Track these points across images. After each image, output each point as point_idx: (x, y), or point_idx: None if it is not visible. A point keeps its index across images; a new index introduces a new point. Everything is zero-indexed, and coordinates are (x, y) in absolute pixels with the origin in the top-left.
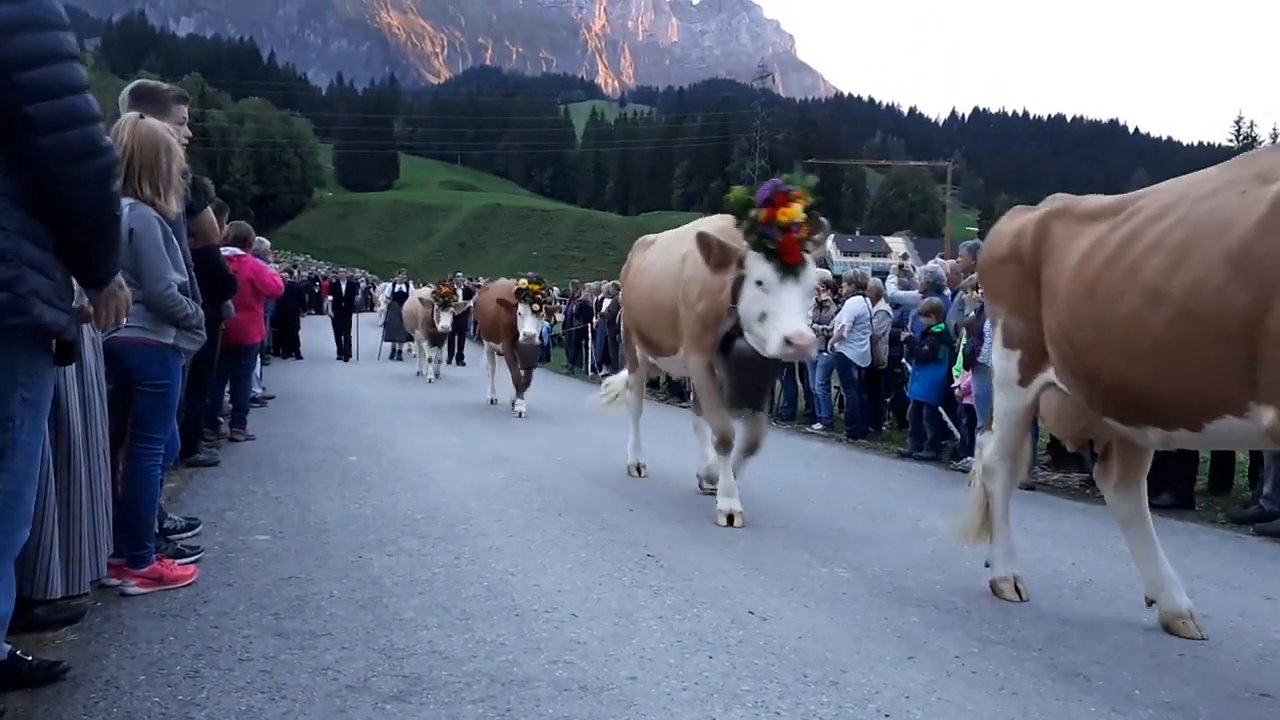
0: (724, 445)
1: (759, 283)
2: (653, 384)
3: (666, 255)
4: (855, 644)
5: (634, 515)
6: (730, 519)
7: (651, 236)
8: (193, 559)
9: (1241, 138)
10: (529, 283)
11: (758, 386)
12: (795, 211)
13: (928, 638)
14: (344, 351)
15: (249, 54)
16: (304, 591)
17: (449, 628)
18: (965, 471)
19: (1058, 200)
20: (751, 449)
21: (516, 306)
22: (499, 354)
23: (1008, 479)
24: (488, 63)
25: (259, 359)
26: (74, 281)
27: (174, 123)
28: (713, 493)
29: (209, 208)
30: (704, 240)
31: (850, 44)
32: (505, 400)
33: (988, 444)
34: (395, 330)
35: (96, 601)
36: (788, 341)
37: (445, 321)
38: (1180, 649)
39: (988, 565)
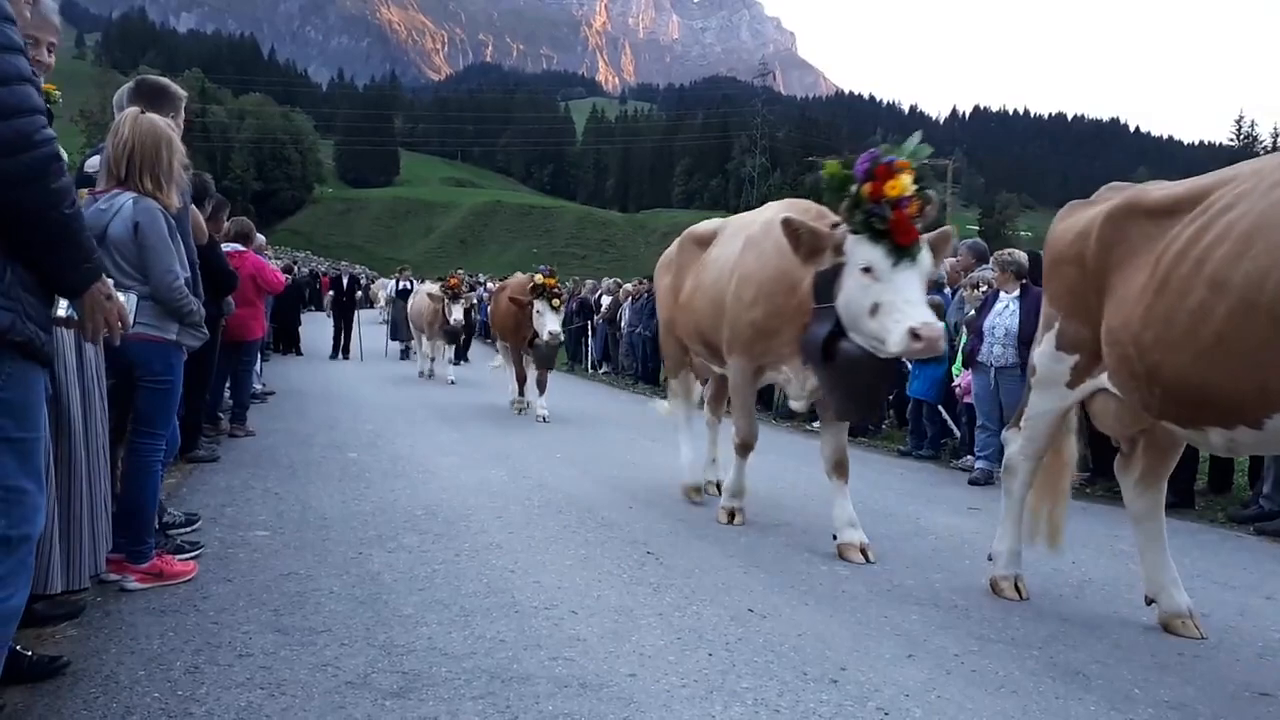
0: (744, 449)
1: (866, 269)
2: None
3: (732, 247)
4: (855, 642)
5: (633, 513)
6: (731, 516)
7: (708, 226)
8: (192, 554)
9: (1242, 137)
10: (544, 277)
11: (873, 393)
12: (904, 183)
13: (927, 636)
14: (342, 350)
15: (249, 50)
16: (304, 587)
17: (449, 624)
18: (965, 470)
19: (1121, 192)
20: (840, 466)
21: (531, 303)
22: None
23: (1028, 478)
24: (488, 59)
25: (259, 355)
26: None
27: (176, 120)
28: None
29: (194, 206)
30: (791, 226)
31: (851, 42)
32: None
33: (1012, 442)
34: (402, 329)
35: (96, 597)
36: (915, 335)
37: (457, 314)
38: (1180, 648)
39: (990, 559)
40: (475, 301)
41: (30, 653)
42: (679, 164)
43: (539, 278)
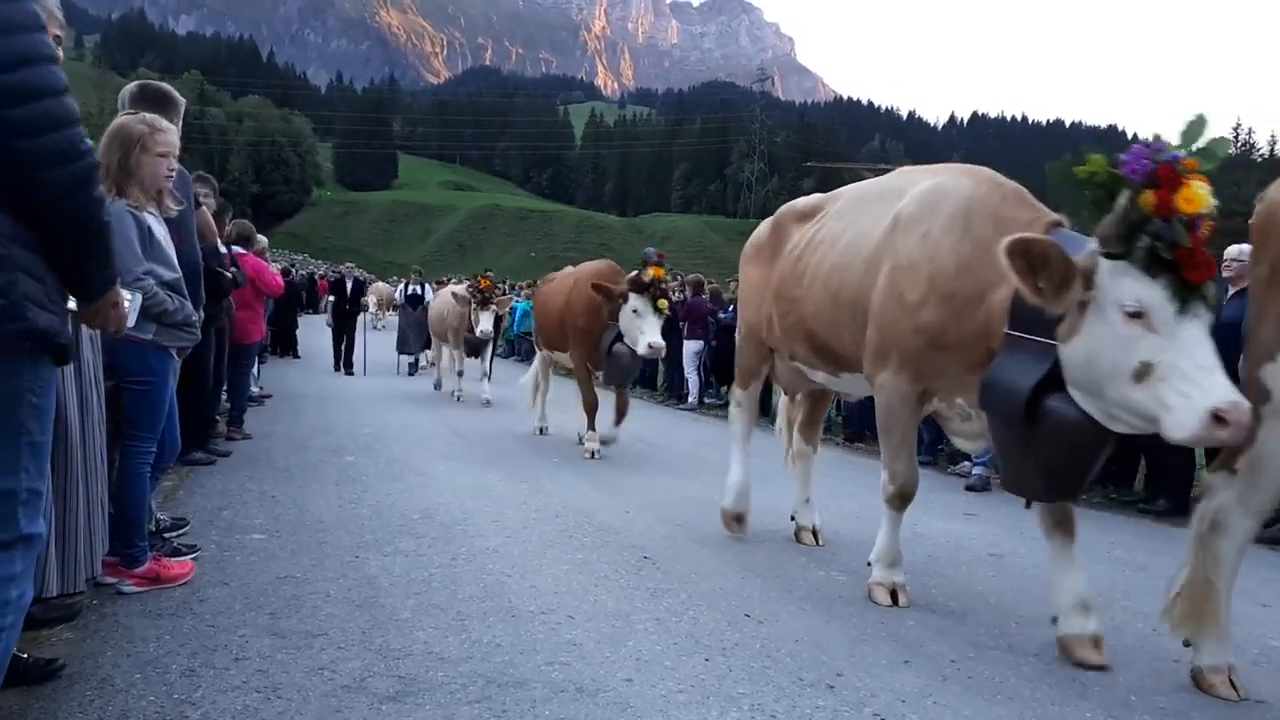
0: (901, 501)
1: (1136, 315)
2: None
3: (864, 223)
4: (851, 647)
5: (630, 518)
6: (893, 595)
7: (811, 200)
8: (188, 558)
9: (1240, 145)
10: (654, 267)
11: (1083, 471)
12: (1201, 196)
13: (924, 642)
14: (345, 363)
15: (248, 52)
16: (300, 591)
17: (445, 628)
18: (962, 476)
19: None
20: (1064, 524)
21: (626, 297)
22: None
23: (1244, 540)
24: (487, 63)
25: (256, 358)
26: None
27: (176, 123)
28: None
29: (203, 207)
30: (1031, 249)
31: (850, 48)
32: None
33: (1219, 490)
34: (411, 339)
35: (92, 600)
36: (1219, 419)
37: (486, 324)
38: (1176, 654)
39: (1187, 644)
40: (509, 309)
41: (26, 655)
42: (677, 169)
43: (651, 268)
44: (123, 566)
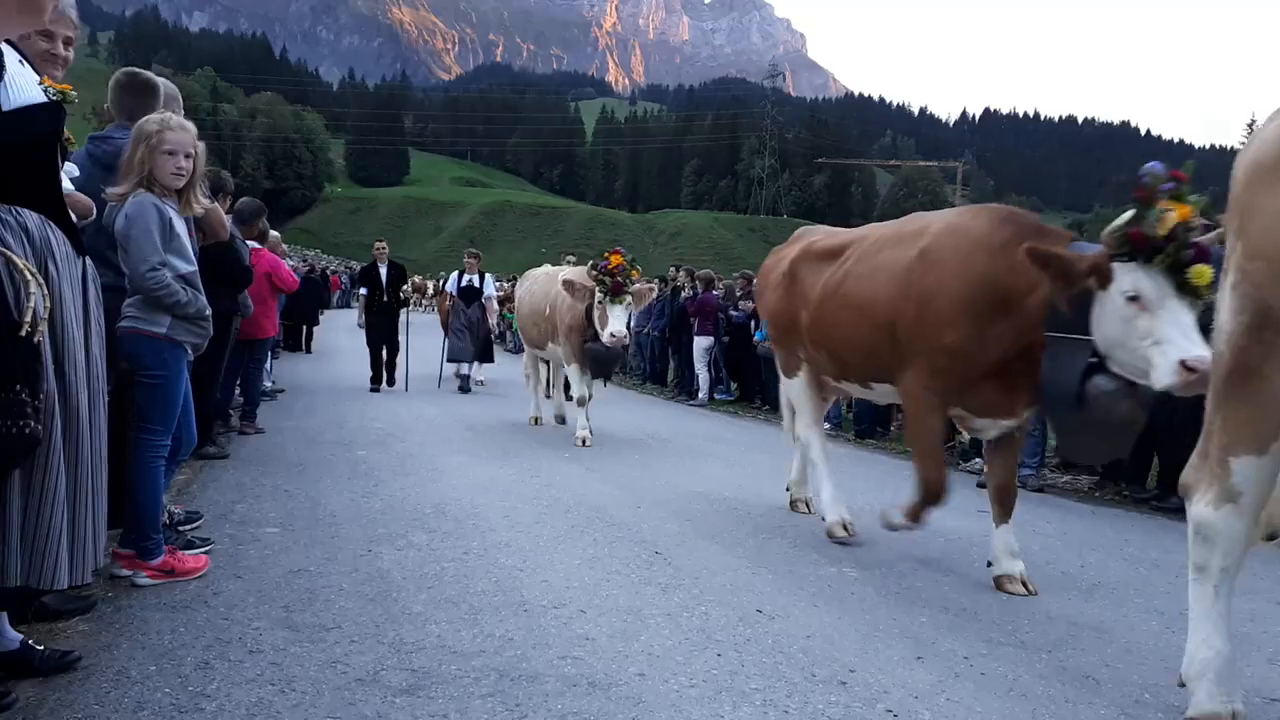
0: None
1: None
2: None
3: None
4: (863, 643)
5: (642, 512)
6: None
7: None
8: (202, 550)
9: None
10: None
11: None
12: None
13: (936, 638)
14: (385, 375)
15: (261, 49)
16: (314, 584)
17: (458, 622)
18: (974, 473)
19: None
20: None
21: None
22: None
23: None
24: (499, 59)
25: (269, 353)
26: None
27: (176, 110)
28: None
29: (216, 203)
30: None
31: (861, 43)
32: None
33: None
34: (466, 344)
35: (108, 592)
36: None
37: (618, 324)
38: None
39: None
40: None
41: (42, 647)
42: (688, 165)
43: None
44: (138, 559)
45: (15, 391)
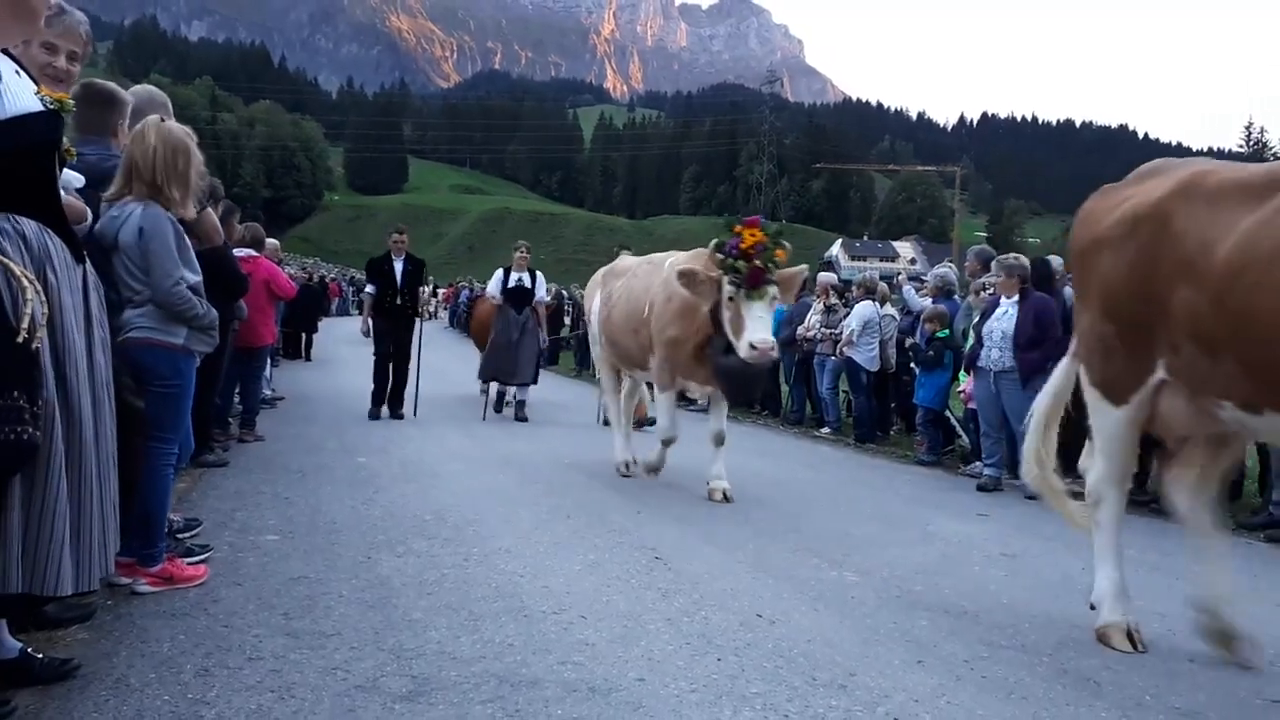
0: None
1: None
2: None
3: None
4: (864, 647)
5: (642, 518)
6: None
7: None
8: (202, 558)
9: (1251, 143)
10: (748, 229)
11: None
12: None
13: (937, 642)
14: (389, 396)
15: (260, 58)
16: (313, 591)
17: (458, 628)
18: (974, 476)
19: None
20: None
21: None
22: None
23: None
24: (497, 67)
25: (268, 360)
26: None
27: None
28: None
29: (209, 209)
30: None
31: (859, 49)
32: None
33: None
34: (502, 360)
35: (107, 600)
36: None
37: (762, 330)
38: (1191, 655)
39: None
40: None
41: (41, 655)
42: (687, 171)
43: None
44: (140, 565)
45: (13, 398)
